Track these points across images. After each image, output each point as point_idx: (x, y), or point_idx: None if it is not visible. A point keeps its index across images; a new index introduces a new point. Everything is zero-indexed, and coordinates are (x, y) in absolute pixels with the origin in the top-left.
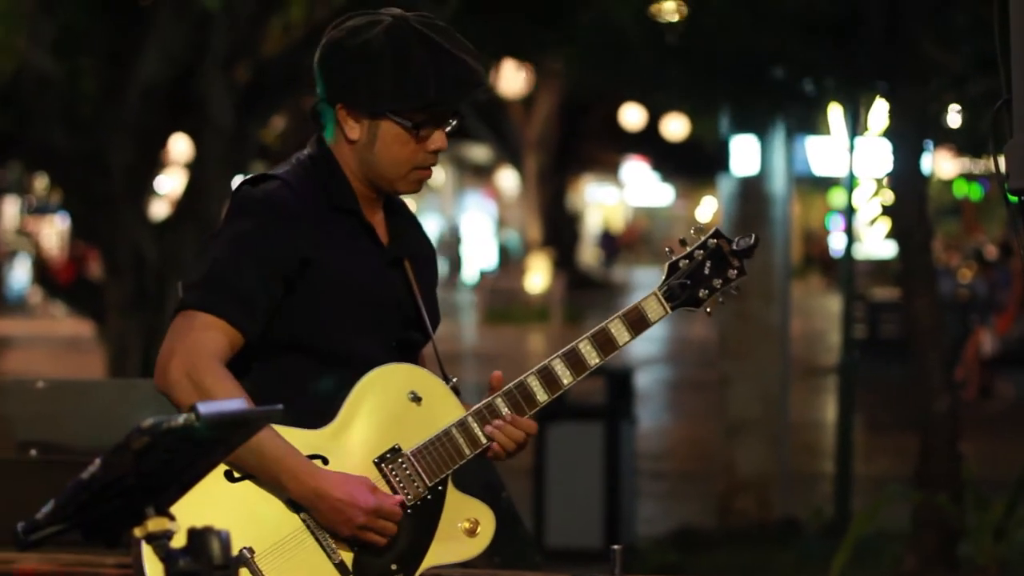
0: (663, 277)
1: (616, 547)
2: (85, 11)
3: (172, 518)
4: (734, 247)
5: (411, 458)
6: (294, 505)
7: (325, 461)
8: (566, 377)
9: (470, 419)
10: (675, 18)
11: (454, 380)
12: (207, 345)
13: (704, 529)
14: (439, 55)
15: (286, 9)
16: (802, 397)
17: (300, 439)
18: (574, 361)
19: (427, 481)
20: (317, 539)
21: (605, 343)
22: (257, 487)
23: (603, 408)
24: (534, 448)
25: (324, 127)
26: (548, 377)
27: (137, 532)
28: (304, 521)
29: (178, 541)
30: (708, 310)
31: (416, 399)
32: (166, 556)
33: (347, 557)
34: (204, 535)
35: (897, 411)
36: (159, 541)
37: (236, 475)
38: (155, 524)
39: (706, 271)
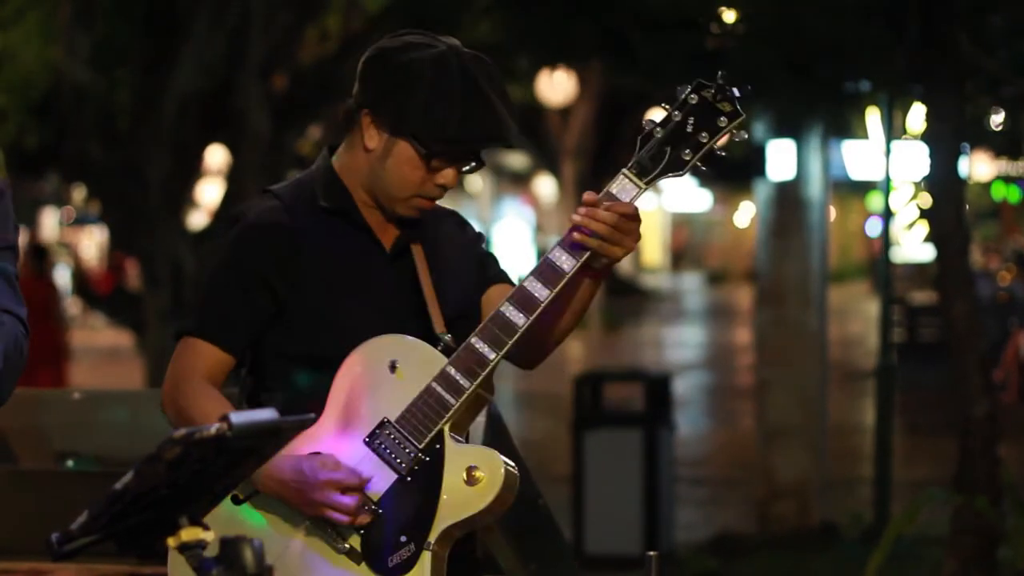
0: (635, 152)
1: (652, 553)
2: (121, 24)
3: (206, 528)
4: (718, 90)
5: (396, 426)
6: (295, 510)
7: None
8: (538, 291)
9: (449, 368)
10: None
11: (446, 338)
12: (188, 368)
13: (743, 535)
14: (475, 98)
15: (322, 18)
16: (841, 402)
17: (297, 441)
18: (548, 275)
19: (417, 444)
20: (321, 535)
21: (575, 246)
22: (260, 504)
23: (641, 415)
24: (572, 455)
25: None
26: (524, 298)
27: (170, 542)
28: (305, 520)
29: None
30: (703, 167)
31: (393, 367)
32: (199, 566)
33: (355, 542)
34: (237, 544)
35: (936, 415)
36: (192, 551)
37: (240, 496)
38: (188, 534)
39: (689, 128)
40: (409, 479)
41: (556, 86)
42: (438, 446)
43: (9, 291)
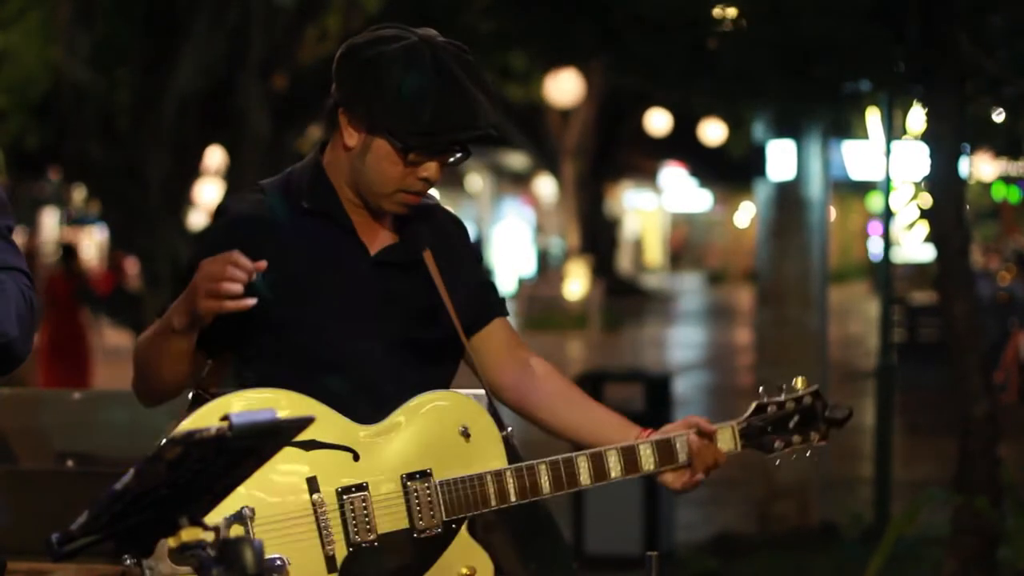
0: (747, 413)
1: (652, 553)
2: (121, 24)
3: (205, 528)
4: (827, 413)
5: (437, 487)
6: (311, 486)
7: (356, 457)
8: (615, 470)
9: (508, 476)
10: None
11: (509, 429)
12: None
13: (743, 535)
14: (448, 87)
15: (322, 18)
16: (841, 401)
17: (338, 423)
18: (629, 458)
19: (443, 515)
20: (319, 526)
21: (664, 452)
22: (283, 455)
23: (641, 414)
24: None
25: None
26: (598, 464)
27: (171, 542)
28: (313, 504)
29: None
30: (778, 462)
31: (465, 434)
32: (200, 566)
33: (339, 553)
34: (237, 544)
35: (936, 415)
36: (193, 551)
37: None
38: (188, 534)
39: (791, 424)
40: (415, 536)
41: (562, 87)
42: (455, 527)
43: (3, 244)
